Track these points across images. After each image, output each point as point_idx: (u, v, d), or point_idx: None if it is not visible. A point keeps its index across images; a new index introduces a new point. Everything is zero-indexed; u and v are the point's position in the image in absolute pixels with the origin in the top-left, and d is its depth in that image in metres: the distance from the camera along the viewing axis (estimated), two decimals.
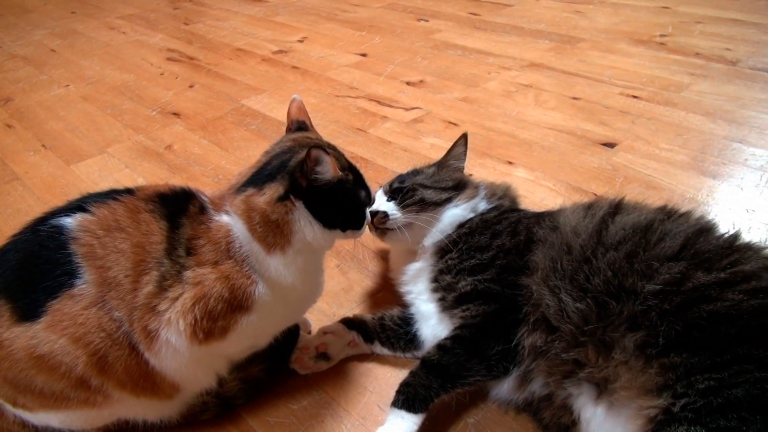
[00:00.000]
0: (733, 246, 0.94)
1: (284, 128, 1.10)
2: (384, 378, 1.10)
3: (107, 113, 2.28)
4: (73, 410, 0.91)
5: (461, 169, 1.32)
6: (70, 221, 0.88)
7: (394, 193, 1.25)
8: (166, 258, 0.88)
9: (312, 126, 1.08)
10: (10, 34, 3.34)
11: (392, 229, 1.20)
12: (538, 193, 1.60)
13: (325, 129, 2.04)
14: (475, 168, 1.73)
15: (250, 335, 0.97)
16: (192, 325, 0.87)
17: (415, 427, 0.94)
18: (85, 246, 0.86)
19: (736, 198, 1.55)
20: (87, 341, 0.84)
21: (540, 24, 2.91)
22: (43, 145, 2.06)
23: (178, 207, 0.93)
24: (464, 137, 1.30)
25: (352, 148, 1.90)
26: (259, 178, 0.95)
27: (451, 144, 1.35)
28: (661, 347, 0.83)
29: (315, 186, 0.92)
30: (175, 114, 2.24)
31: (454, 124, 2.01)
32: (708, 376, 0.78)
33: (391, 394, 1.05)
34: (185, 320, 0.87)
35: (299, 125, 1.06)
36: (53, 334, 0.83)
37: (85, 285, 0.84)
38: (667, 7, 3.02)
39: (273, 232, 0.93)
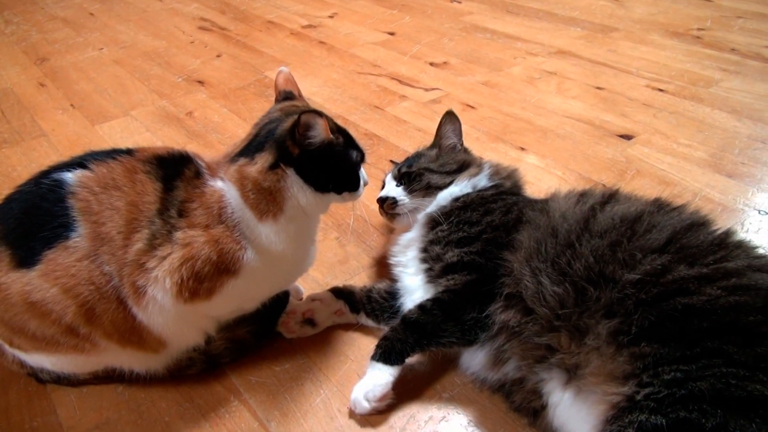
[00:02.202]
0: (723, 243, 0.93)
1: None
2: (366, 348, 1.12)
3: (135, 77, 2.34)
4: (64, 354, 0.96)
5: (460, 146, 1.33)
6: (70, 176, 0.92)
7: (402, 178, 1.27)
8: (157, 218, 0.91)
9: (300, 95, 1.10)
10: None
11: (401, 214, 1.23)
12: (546, 181, 1.59)
13: (342, 105, 2.05)
14: (486, 152, 1.72)
15: (235, 298, 1.00)
16: (178, 284, 0.91)
17: (391, 378, 0.99)
18: (82, 201, 0.90)
19: (751, 199, 1.51)
20: (77, 292, 0.88)
21: (575, 11, 2.85)
22: (72, 105, 2.13)
23: (174, 170, 0.97)
24: (447, 114, 1.33)
25: (367, 125, 1.91)
26: (250, 148, 0.97)
27: (462, 126, 1.37)
28: (633, 336, 0.83)
29: (307, 151, 0.94)
30: (199, 82, 2.28)
31: (471, 107, 2.00)
32: (675, 368, 0.78)
33: None
34: (172, 279, 0.90)
35: (286, 95, 1.08)
36: (46, 282, 0.88)
37: (79, 238, 0.89)
38: (709, 0, 2.92)
39: (266, 200, 0.95)
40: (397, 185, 1.28)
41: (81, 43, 2.72)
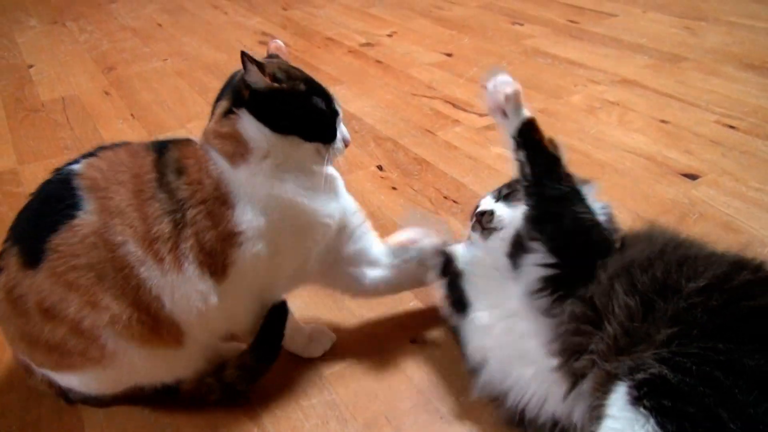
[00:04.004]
0: None
1: (353, 121, 1.13)
2: (398, 390, 1.08)
3: (194, 90, 2.39)
4: (81, 368, 0.95)
5: None
6: (77, 165, 0.95)
7: (503, 197, 1.21)
8: (160, 190, 0.93)
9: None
10: (126, 5, 3.59)
11: (497, 228, 1.13)
12: None
13: (393, 127, 2.03)
14: None
15: (255, 272, 0.98)
16: (199, 262, 0.93)
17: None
18: (88, 179, 0.93)
19: None
20: (80, 280, 0.89)
21: (642, 38, 2.73)
22: (132, 115, 2.19)
23: (168, 142, 1.02)
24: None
25: (417, 150, 1.88)
26: (213, 108, 1.04)
27: None
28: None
29: (256, 91, 0.97)
30: None
31: None
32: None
33: (401, 407, 1.04)
34: (194, 255, 0.93)
35: (270, 57, 1.12)
36: (51, 279, 0.89)
37: (86, 214, 0.90)
38: None
39: (229, 143, 0.99)
40: (495, 202, 1.20)
41: (147, 54, 2.81)
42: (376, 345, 1.19)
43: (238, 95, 0.98)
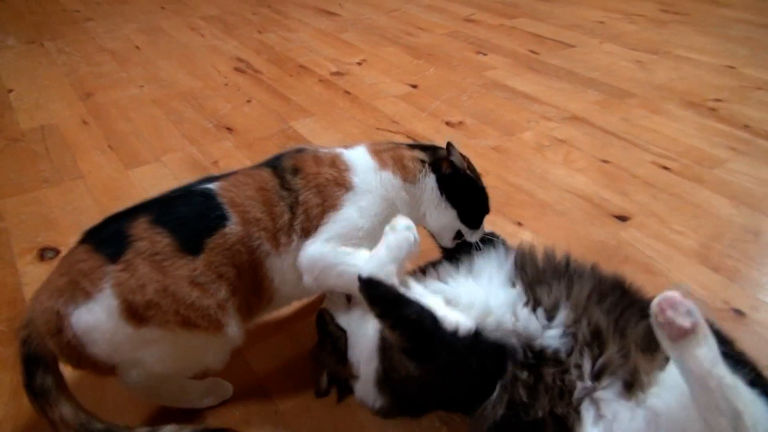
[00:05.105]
0: None
1: None
2: (354, 425, 1.23)
3: (170, 120, 2.51)
4: (194, 329, 1.07)
5: None
6: (211, 186, 1.17)
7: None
8: (282, 190, 1.18)
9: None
10: (103, 25, 3.68)
11: None
12: None
13: None
14: (486, 225, 1.81)
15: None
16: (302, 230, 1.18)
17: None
18: (226, 198, 1.15)
19: (731, 297, 1.56)
20: (228, 272, 1.10)
21: (595, 72, 2.91)
22: (110, 146, 2.31)
23: (280, 156, 1.27)
24: None
25: None
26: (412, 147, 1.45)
27: None
28: None
29: (456, 170, 1.35)
30: (228, 129, 2.44)
31: None
32: None
33: None
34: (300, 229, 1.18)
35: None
36: (205, 267, 1.08)
37: (233, 225, 1.12)
38: (732, 67, 2.94)
39: (405, 170, 1.33)
40: None
41: (124, 79, 2.91)
42: None
43: (438, 163, 1.31)
